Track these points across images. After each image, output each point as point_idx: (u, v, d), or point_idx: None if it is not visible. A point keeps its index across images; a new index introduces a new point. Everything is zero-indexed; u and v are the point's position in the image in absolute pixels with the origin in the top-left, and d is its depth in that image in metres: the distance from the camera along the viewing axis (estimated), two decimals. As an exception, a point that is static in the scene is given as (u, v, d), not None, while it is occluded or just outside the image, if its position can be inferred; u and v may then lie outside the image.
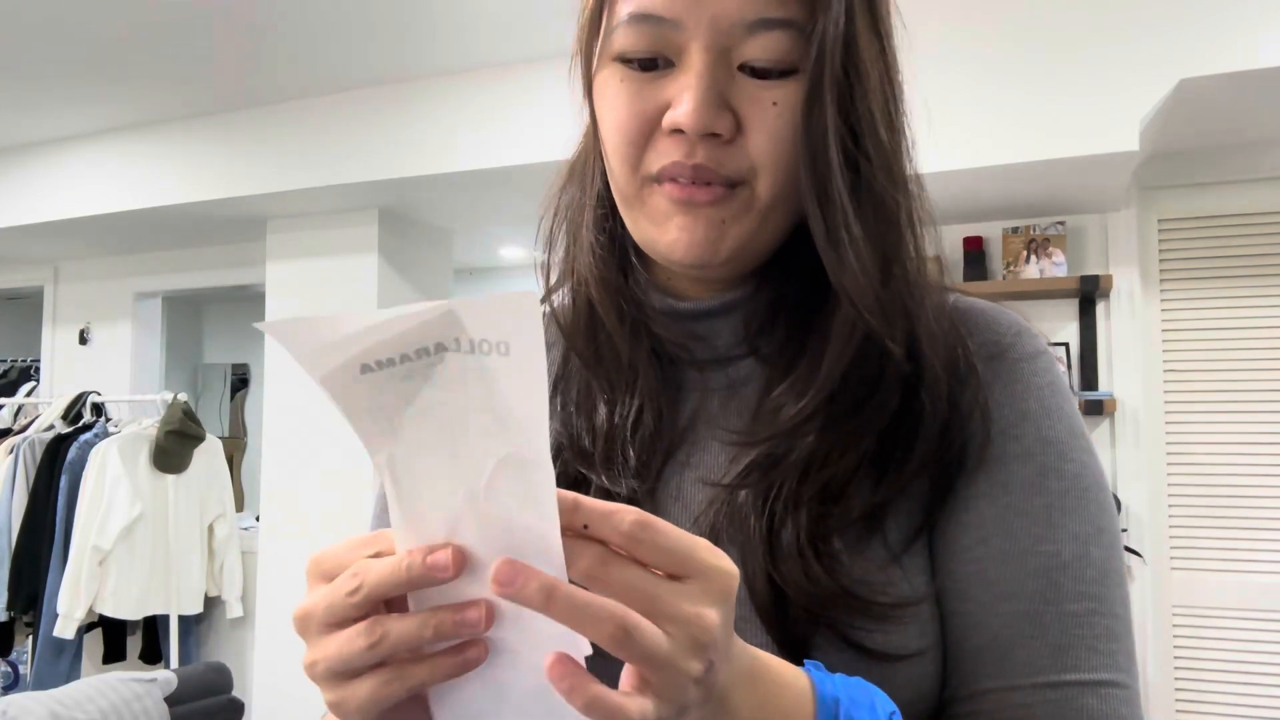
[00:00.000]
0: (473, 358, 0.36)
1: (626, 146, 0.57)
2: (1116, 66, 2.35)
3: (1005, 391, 0.58)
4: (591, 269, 0.63)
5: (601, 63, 0.58)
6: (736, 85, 0.54)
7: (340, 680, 0.41)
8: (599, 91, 0.59)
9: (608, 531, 0.38)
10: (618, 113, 0.57)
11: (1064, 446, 0.57)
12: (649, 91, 0.56)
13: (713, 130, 0.54)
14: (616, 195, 0.60)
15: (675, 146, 0.55)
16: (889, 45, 0.58)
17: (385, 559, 0.40)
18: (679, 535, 0.39)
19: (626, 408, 0.62)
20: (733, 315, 0.62)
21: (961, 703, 0.55)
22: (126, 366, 4.48)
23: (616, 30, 0.56)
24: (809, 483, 0.55)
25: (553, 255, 0.67)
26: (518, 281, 5.47)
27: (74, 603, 3.34)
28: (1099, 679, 0.53)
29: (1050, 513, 0.55)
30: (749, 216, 0.56)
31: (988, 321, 0.61)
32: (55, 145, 3.83)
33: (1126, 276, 2.93)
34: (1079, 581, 0.54)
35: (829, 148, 0.53)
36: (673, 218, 0.56)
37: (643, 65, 0.56)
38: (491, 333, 0.35)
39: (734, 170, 0.55)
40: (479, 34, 2.83)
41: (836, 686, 0.46)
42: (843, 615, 0.53)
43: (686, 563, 0.39)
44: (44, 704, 1.93)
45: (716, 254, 0.56)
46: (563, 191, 0.67)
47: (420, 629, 0.39)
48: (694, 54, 0.54)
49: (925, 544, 0.57)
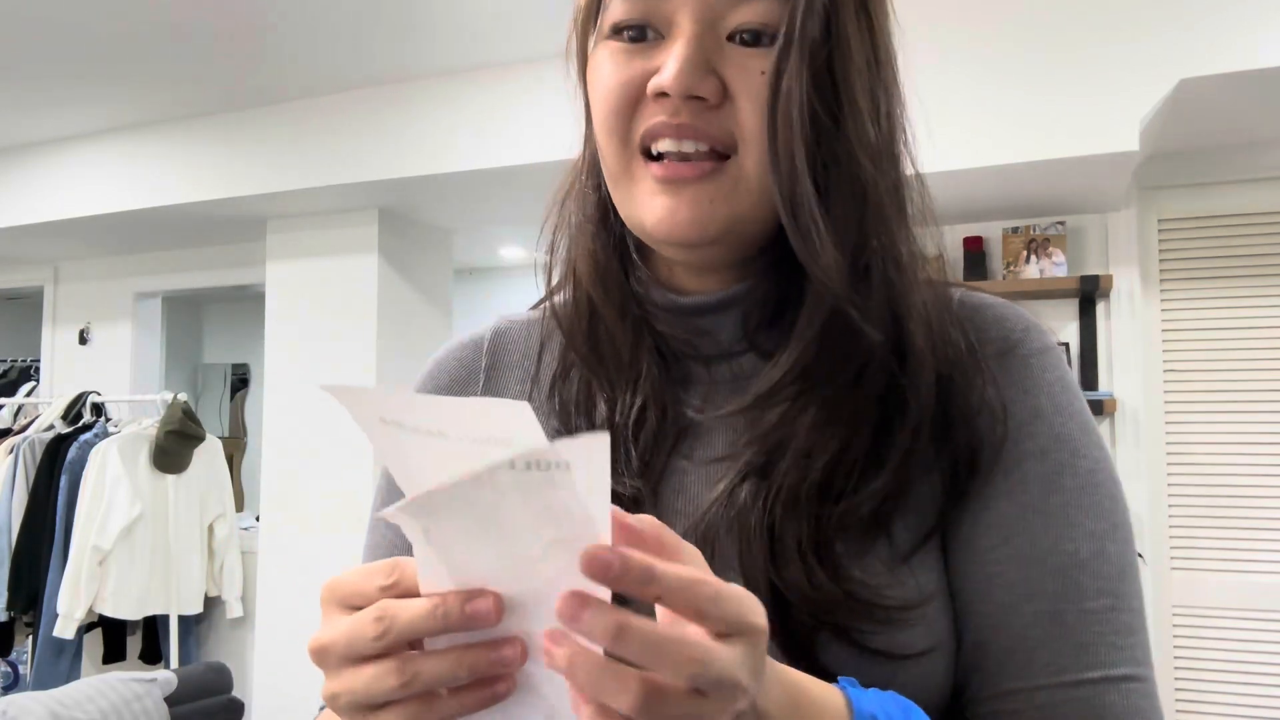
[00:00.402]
0: (530, 472, 0.36)
1: (613, 117, 0.57)
2: (1116, 66, 2.35)
3: (1017, 388, 0.58)
4: (592, 269, 0.63)
5: (596, 44, 0.59)
6: (725, 54, 0.55)
7: (364, 713, 0.40)
8: (592, 71, 0.59)
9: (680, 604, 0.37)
10: (606, 82, 0.57)
11: (1077, 443, 0.57)
12: (637, 62, 0.56)
13: (697, 93, 0.54)
14: (607, 175, 0.60)
15: (660, 109, 0.55)
16: (879, 27, 0.58)
17: (415, 603, 0.39)
18: (736, 599, 0.38)
19: (628, 406, 0.62)
20: (733, 310, 0.62)
21: (984, 703, 0.55)
22: (126, 366, 4.48)
23: (610, 7, 0.57)
24: (807, 470, 0.55)
25: (554, 257, 0.67)
26: (518, 281, 5.47)
27: (74, 603, 3.34)
28: (1119, 674, 0.54)
29: (1067, 511, 0.56)
30: (736, 195, 0.56)
31: (996, 317, 0.61)
32: (55, 145, 3.83)
33: (1126, 276, 2.93)
34: (1097, 578, 0.55)
35: (793, 111, 0.53)
36: (658, 196, 0.56)
37: (633, 39, 0.56)
38: (556, 455, 0.36)
39: (720, 133, 0.55)
40: (479, 34, 2.83)
41: (872, 703, 0.46)
42: (846, 618, 0.53)
43: (738, 625, 0.38)
44: (44, 704, 1.93)
45: (704, 233, 0.56)
46: (566, 197, 0.67)
47: (455, 668, 0.38)
48: (682, 22, 0.55)
49: (937, 544, 0.57)
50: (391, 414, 0.38)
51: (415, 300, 3.73)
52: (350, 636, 0.40)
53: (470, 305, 5.08)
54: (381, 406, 0.38)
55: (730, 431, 0.60)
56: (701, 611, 0.37)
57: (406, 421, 0.38)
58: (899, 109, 0.59)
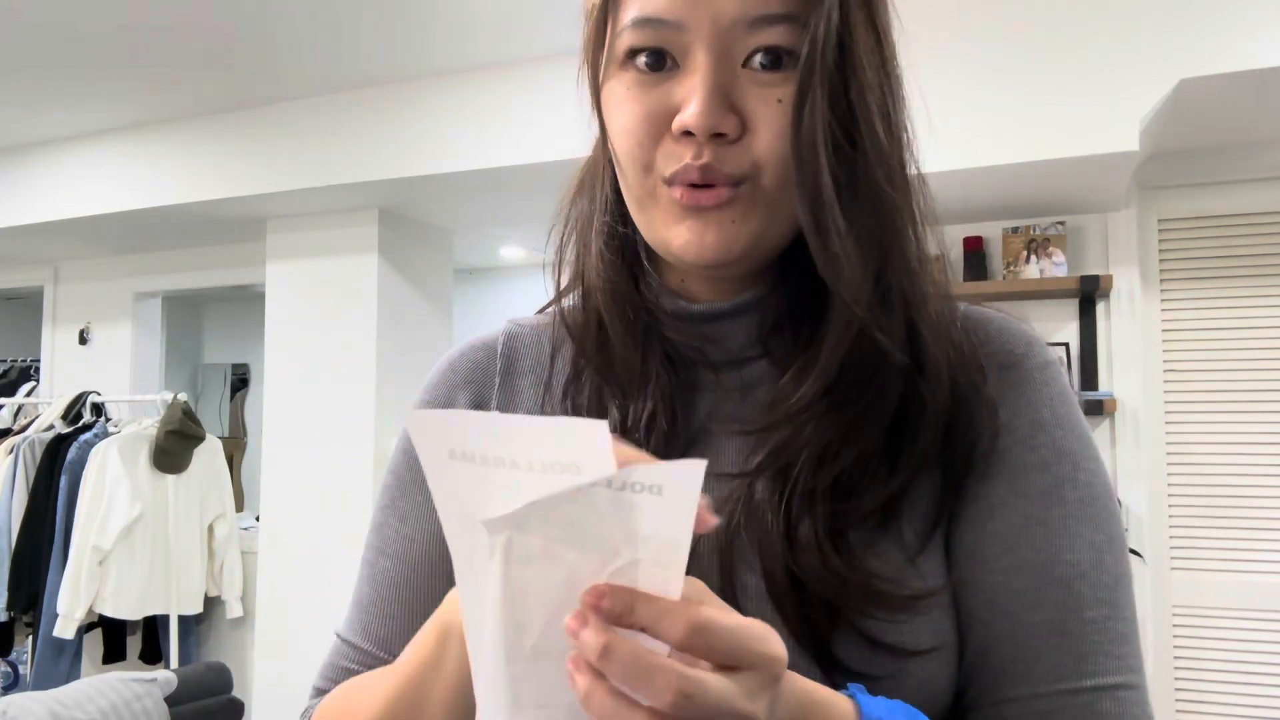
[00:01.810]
0: (623, 493, 0.38)
1: (637, 149, 0.58)
2: (1116, 66, 2.35)
3: (1020, 400, 0.60)
4: (600, 277, 0.64)
5: (609, 70, 0.59)
6: (741, 83, 0.55)
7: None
8: (608, 99, 0.59)
9: (662, 632, 0.38)
10: (627, 117, 0.58)
11: (1077, 457, 0.59)
12: (657, 95, 0.57)
13: (719, 131, 0.55)
14: (629, 198, 0.61)
15: (684, 148, 0.56)
16: (886, 39, 0.58)
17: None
18: (730, 632, 0.39)
19: (639, 411, 0.62)
20: (746, 317, 0.63)
21: (984, 709, 0.57)
22: (126, 366, 4.48)
23: (622, 35, 0.57)
24: (822, 475, 0.56)
25: (563, 263, 0.68)
26: (518, 281, 5.47)
27: (74, 603, 3.34)
28: (1114, 682, 0.55)
29: (1068, 522, 0.58)
30: (756, 213, 0.57)
31: (999, 330, 0.63)
32: (55, 145, 3.83)
33: (1126, 276, 2.93)
34: (1096, 589, 0.57)
35: (818, 142, 0.54)
36: (684, 220, 0.57)
37: (650, 66, 0.56)
38: (648, 479, 0.37)
39: (737, 168, 0.56)
40: (479, 34, 2.83)
41: (880, 708, 0.48)
42: (861, 605, 0.54)
43: (738, 656, 0.39)
44: (44, 704, 1.93)
45: (730, 253, 0.57)
46: (573, 203, 0.68)
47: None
48: (698, 55, 0.55)
49: (940, 543, 0.58)
50: (464, 445, 0.39)
51: (415, 300, 3.73)
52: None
53: (470, 305, 5.08)
54: (456, 436, 0.40)
55: (741, 438, 0.61)
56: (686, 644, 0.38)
57: (478, 453, 0.39)
58: (902, 113, 0.60)
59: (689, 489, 0.37)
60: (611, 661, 0.37)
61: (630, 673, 0.37)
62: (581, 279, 0.66)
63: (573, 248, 0.67)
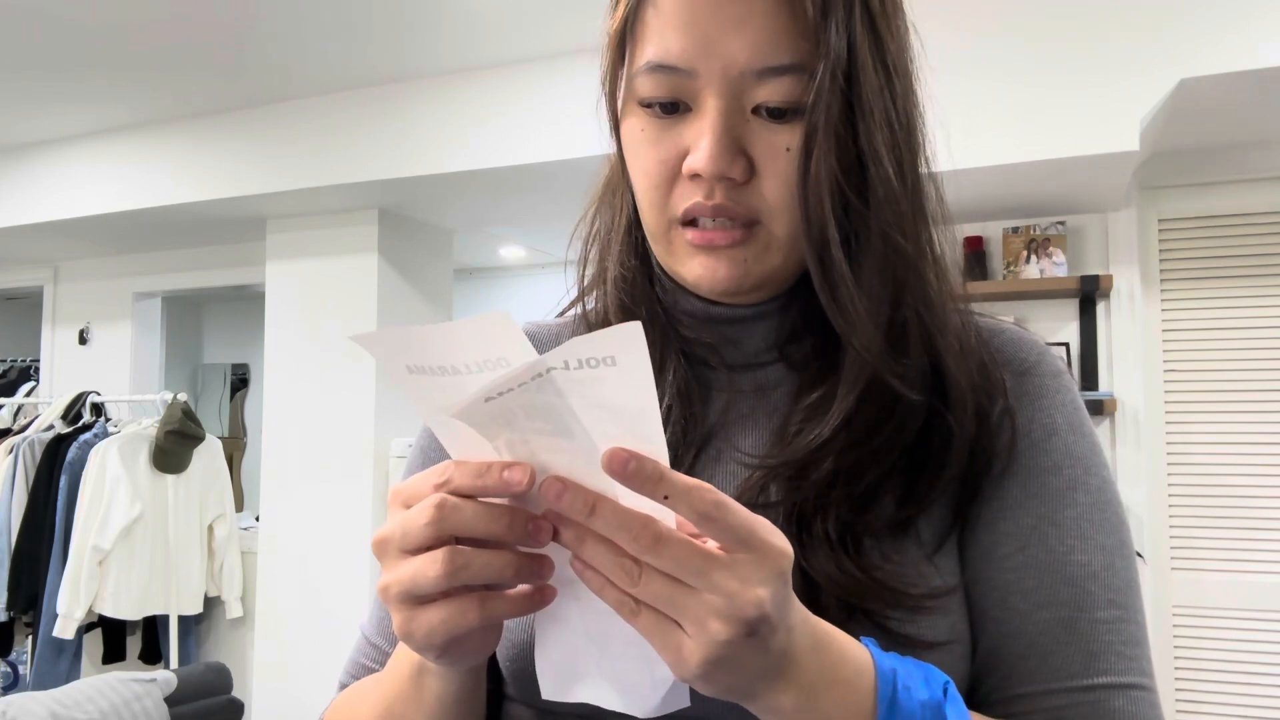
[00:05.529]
0: (580, 370, 0.40)
1: (652, 191, 0.60)
2: (1116, 66, 2.35)
3: (1033, 406, 0.62)
4: (620, 281, 0.66)
5: (627, 107, 0.61)
6: (750, 129, 0.57)
7: (412, 604, 0.44)
8: (626, 135, 0.62)
9: (684, 507, 0.41)
10: (643, 160, 0.60)
11: (1088, 462, 0.61)
12: (670, 138, 0.58)
13: (728, 175, 0.56)
14: (647, 231, 0.63)
15: (696, 189, 0.58)
16: (898, 74, 0.58)
17: (466, 465, 0.44)
18: (743, 515, 0.42)
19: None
20: (765, 322, 0.64)
21: (997, 705, 0.58)
22: (126, 366, 4.48)
23: (637, 78, 0.58)
24: (835, 492, 0.57)
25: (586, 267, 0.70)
26: (518, 281, 5.47)
27: (74, 603, 3.34)
28: (1127, 682, 0.56)
29: (1080, 525, 0.59)
30: (769, 254, 0.59)
31: (1011, 341, 0.65)
32: (55, 145, 3.84)
33: (1126, 276, 2.93)
34: (1108, 590, 0.58)
35: (823, 194, 0.55)
36: (698, 256, 0.60)
37: (664, 108, 0.58)
38: (598, 352, 0.39)
39: (749, 209, 0.58)
40: (479, 34, 2.83)
41: (894, 660, 0.49)
42: (876, 605, 0.55)
43: (747, 540, 0.41)
44: (44, 704, 1.93)
45: (741, 286, 0.60)
46: (597, 214, 0.70)
47: (501, 564, 0.44)
48: (708, 101, 0.56)
49: (955, 543, 0.60)
50: (412, 359, 0.42)
51: (415, 300, 3.73)
52: (405, 526, 0.44)
53: (470, 305, 5.09)
54: (404, 352, 0.42)
55: (755, 438, 0.62)
56: (705, 515, 0.41)
57: (425, 365, 0.42)
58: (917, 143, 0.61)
59: (638, 350, 0.39)
60: (601, 515, 0.41)
61: (614, 521, 0.41)
62: (603, 281, 0.68)
63: (595, 254, 0.70)
